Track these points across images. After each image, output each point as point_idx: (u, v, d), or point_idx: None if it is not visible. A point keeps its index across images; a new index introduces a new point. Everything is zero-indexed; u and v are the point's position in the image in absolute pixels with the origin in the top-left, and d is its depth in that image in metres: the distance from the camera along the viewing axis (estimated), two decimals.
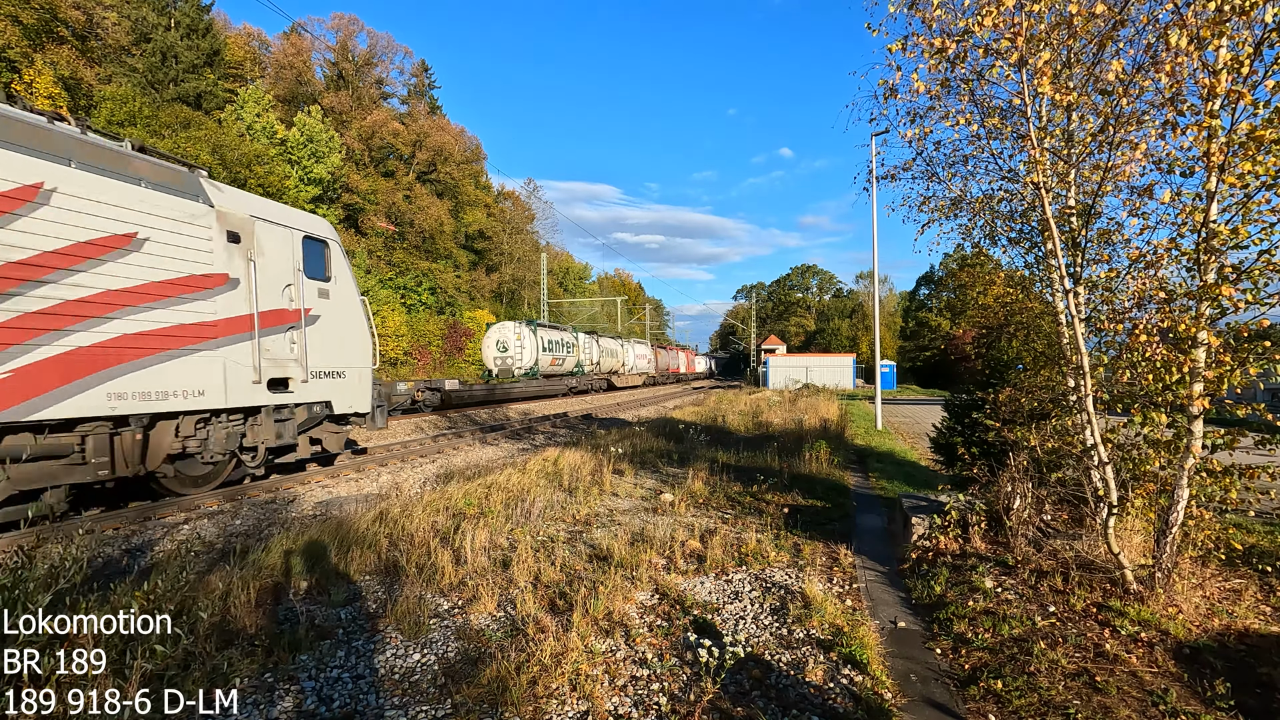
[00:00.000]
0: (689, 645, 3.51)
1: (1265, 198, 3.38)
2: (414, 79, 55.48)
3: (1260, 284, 3.42)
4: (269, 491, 8.27)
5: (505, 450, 12.42)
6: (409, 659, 3.42)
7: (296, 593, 4.28)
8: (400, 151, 49.48)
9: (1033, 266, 5.81)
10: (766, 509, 6.87)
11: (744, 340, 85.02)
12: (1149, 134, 4.11)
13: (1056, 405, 5.27)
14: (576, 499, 7.23)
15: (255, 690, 3.07)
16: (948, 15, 4.22)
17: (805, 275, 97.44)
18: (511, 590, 4.34)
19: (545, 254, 47.33)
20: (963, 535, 5.15)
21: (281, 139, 36.27)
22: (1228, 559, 4.56)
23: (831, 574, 5.00)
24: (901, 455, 11.84)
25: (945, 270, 64.92)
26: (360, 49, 50.42)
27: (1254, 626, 3.71)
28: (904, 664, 3.57)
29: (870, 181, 9.79)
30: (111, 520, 6.55)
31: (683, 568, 4.94)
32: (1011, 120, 4.78)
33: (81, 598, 2.89)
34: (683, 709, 2.95)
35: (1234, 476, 3.75)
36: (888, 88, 4.53)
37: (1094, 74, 4.20)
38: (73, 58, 29.87)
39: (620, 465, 9.34)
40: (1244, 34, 3.43)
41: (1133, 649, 3.47)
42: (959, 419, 7.14)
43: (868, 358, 54.34)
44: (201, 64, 34.59)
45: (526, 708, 2.92)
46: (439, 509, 6.26)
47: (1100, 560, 4.37)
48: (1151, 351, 3.64)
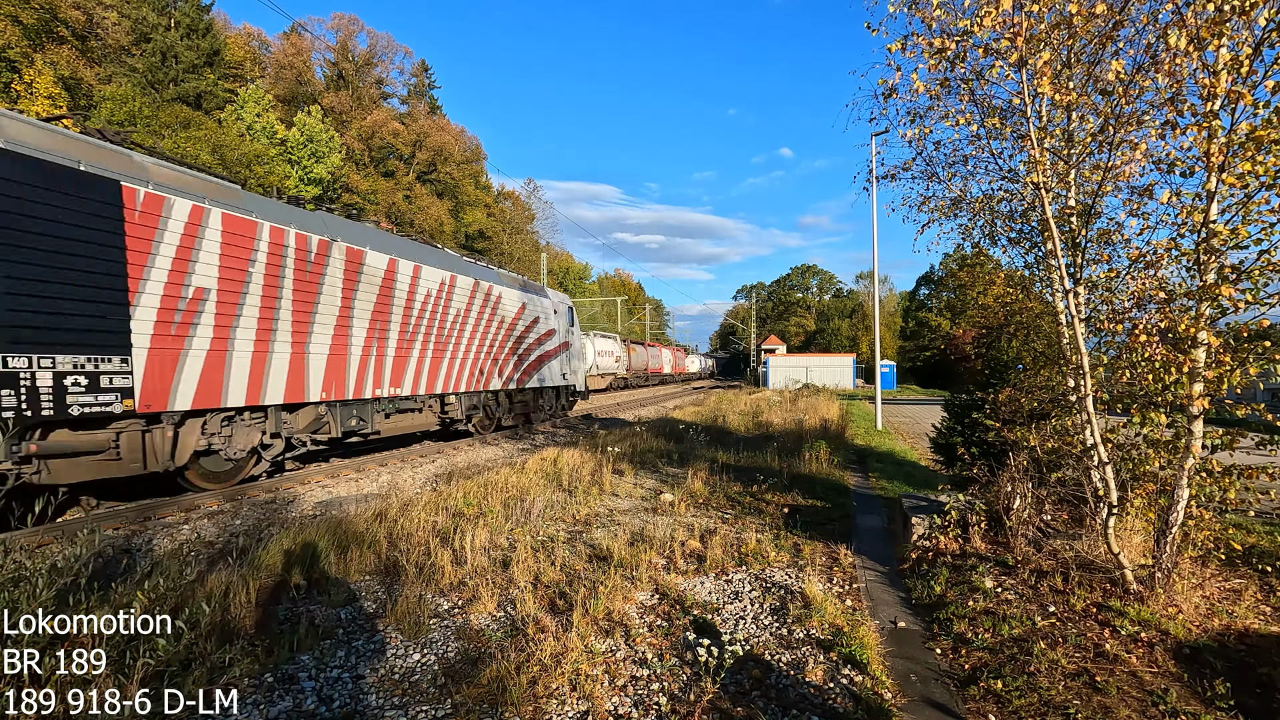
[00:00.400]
0: (689, 645, 3.51)
1: (1265, 198, 3.38)
2: (414, 79, 55.54)
3: (1260, 284, 3.42)
4: (269, 491, 8.27)
5: (504, 450, 12.42)
6: (409, 659, 3.42)
7: (296, 592, 4.28)
8: (400, 151, 49.51)
9: (1033, 266, 5.81)
10: (766, 509, 6.87)
11: (744, 340, 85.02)
12: (1149, 134, 4.11)
13: (1056, 405, 5.27)
14: (576, 499, 7.23)
15: (255, 690, 3.07)
16: (947, 15, 4.22)
17: (805, 275, 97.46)
18: (511, 590, 4.34)
19: (545, 254, 47.31)
20: (963, 535, 5.15)
21: (281, 139, 36.27)
22: (1228, 559, 4.56)
23: (831, 574, 5.00)
24: (901, 455, 11.85)
25: (945, 270, 64.95)
26: (360, 49, 50.48)
27: (1254, 626, 3.71)
28: (904, 664, 3.57)
29: (870, 181, 9.78)
30: (111, 520, 6.55)
31: (683, 568, 4.94)
32: (1011, 120, 4.78)
33: (85, 597, 2.89)
34: (683, 709, 2.95)
35: (1234, 476, 3.75)
36: (887, 87, 4.54)
37: (1094, 74, 4.20)
38: (73, 58, 29.89)
39: (620, 465, 9.34)
40: (1244, 34, 3.43)
41: (1133, 649, 3.47)
42: (959, 419, 7.14)
43: (868, 358, 54.34)
44: (201, 64, 34.60)
45: (526, 708, 2.92)
46: (439, 508, 6.26)
47: (1100, 560, 4.37)
48: (1151, 351, 3.64)
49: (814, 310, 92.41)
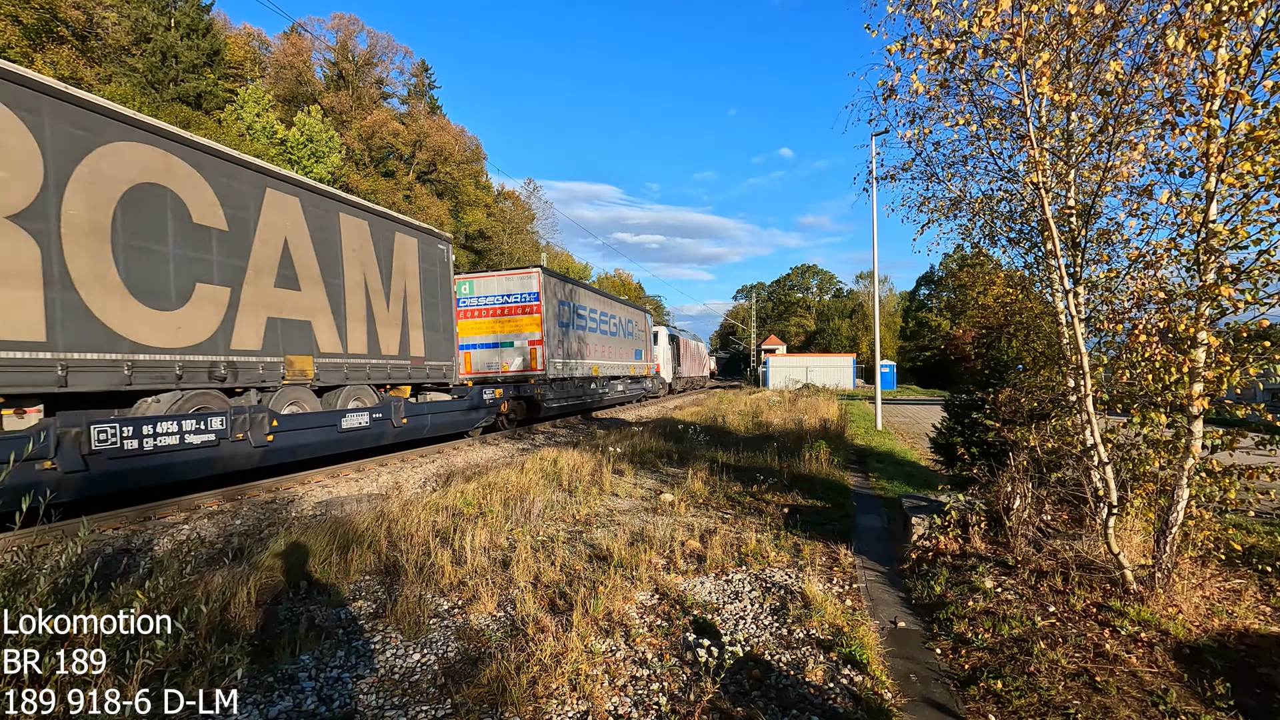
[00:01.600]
0: (689, 645, 3.51)
1: (1264, 198, 3.38)
2: (414, 79, 55.51)
3: (1259, 284, 3.42)
4: (269, 491, 8.28)
5: (505, 450, 12.42)
6: (409, 659, 3.42)
7: (296, 592, 4.28)
8: (400, 151, 49.48)
9: (1032, 266, 5.81)
10: (766, 509, 6.87)
11: (744, 340, 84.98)
12: (1148, 134, 4.11)
13: (1056, 405, 5.27)
14: (576, 499, 7.23)
15: (255, 690, 3.07)
16: (946, 16, 4.23)
17: (805, 275, 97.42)
18: (511, 590, 4.34)
19: (545, 254, 47.38)
20: (963, 535, 5.15)
21: (281, 139, 36.27)
22: (1227, 559, 4.56)
23: (831, 574, 5.00)
24: (901, 455, 11.84)
25: (945, 270, 64.95)
26: (360, 49, 50.46)
27: (1254, 626, 3.71)
28: (904, 664, 3.57)
29: (870, 182, 9.80)
30: (111, 520, 6.55)
31: (683, 568, 4.94)
32: (1011, 120, 4.78)
33: (86, 596, 2.89)
34: (683, 709, 2.95)
35: (1234, 476, 3.75)
36: (887, 88, 4.53)
37: (1093, 74, 4.20)
38: (73, 57, 29.89)
39: (620, 465, 9.34)
40: (1242, 35, 3.44)
41: (1133, 649, 3.47)
42: (959, 419, 7.13)
43: (868, 358, 54.32)
44: (201, 64, 34.61)
45: (526, 708, 2.92)
46: (439, 508, 6.26)
47: (1100, 560, 4.37)
48: (1151, 351, 3.64)
49: (814, 310, 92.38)
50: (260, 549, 4.84)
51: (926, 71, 4.33)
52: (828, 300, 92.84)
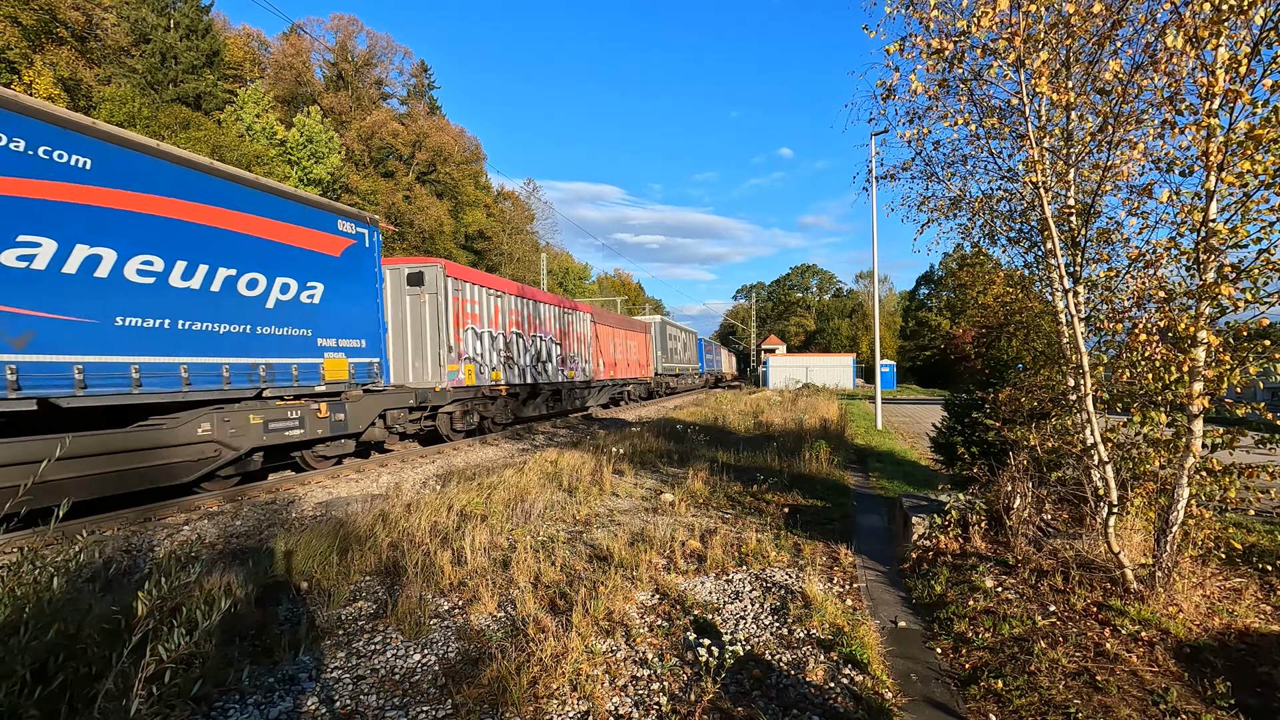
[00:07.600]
0: (689, 645, 3.51)
1: (1264, 196, 3.38)
2: (413, 79, 55.53)
3: (1259, 283, 3.42)
4: (269, 492, 8.28)
5: (505, 451, 12.42)
6: (409, 659, 3.42)
7: (297, 593, 4.28)
8: (400, 152, 49.50)
9: (1032, 266, 5.81)
10: (767, 509, 6.87)
11: (744, 340, 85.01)
12: (1148, 133, 4.12)
13: (1056, 405, 5.27)
14: (576, 499, 7.23)
15: (255, 690, 3.07)
16: (945, 16, 4.23)
17: (805, 275, 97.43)
18: (512, 590, 4.34)
19: (545, 254, 47.39)
20: (963, 535, 5.15)
21: (281, 139, 36.26)
22: (1228, 558, 4.56)
23: (832, 574, 5.00)
24: (901, 455, 11.84)
25: (945, 270, 64.99)
26: (360, 49, 50.47)
27: (1254, 625, 3.71)
28: (904, 663, 3.57)
29: (870, 181, 9.81)
30: (111, 520, 6.55)
31: (683, 568, 4.94)
32: (1010, 120, 4.78)
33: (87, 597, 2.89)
34: (683, 709, 2.95)
35: (1234, 475, 3.75)
36: (886, 88, 4.53)
37: (1092, 74, 4.20)
38: (72, 59, 29.89)
39: (620, 465, 9.34)
40: (1242, 33, 3.43)
41: (1133, 648, 3.47)
42: (959, 419, 7.14)
43: (868, 357, 54.35)
44: (201, 65, 34.57)
45: (527, 708, 2.92)
46: (439, 509, 6.26)
47: (1100, 560, 4.37)
48: (1151, 351, 3.64)
49: (814, 310, 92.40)
50: (261, 550, 4.84)
51: (925, 71, 4.33)
52: (828, 300, 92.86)
